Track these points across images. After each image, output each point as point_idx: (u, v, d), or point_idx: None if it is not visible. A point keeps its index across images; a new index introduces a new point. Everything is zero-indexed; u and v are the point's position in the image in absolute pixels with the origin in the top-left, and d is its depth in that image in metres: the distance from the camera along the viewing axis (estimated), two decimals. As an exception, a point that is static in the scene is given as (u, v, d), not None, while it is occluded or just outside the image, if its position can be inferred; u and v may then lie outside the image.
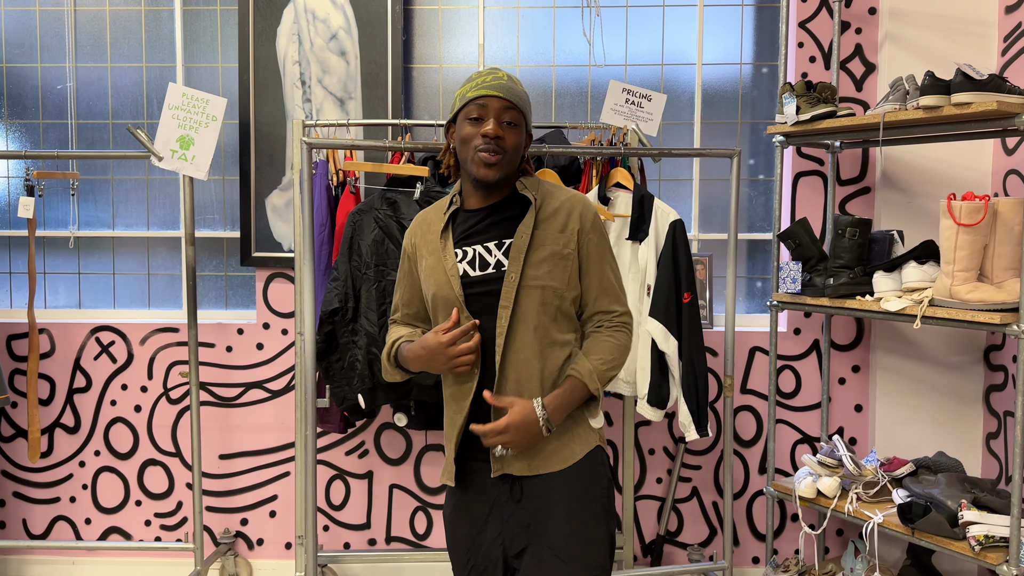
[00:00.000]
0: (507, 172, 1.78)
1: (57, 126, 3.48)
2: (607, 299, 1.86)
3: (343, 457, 3.38)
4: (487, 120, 1.75)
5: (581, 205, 1.85)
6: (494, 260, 1.79)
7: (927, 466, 2.81)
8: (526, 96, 1.83)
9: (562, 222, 1.81)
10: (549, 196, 1.85)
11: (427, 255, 1.85)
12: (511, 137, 1.76)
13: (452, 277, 1.79)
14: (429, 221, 1.90)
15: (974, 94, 2.37)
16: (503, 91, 1.76)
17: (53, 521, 3.44)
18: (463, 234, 1.83)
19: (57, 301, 3.55)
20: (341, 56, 3.26)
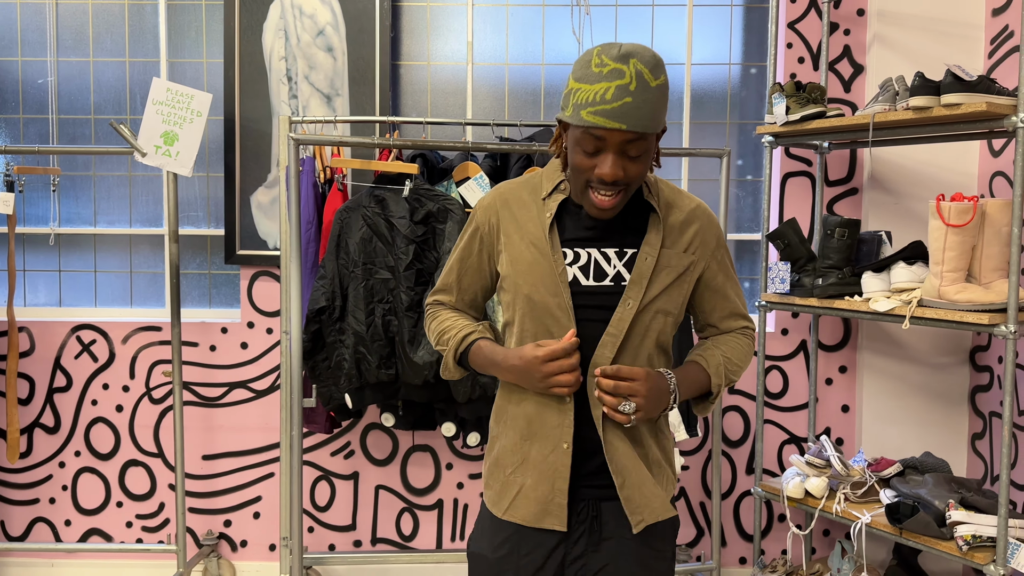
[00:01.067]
0: (628, 197, 1.50)
1: (38, 121, 3.43)
2: (734, 320, 1.68)
3: (328, 457, 3.35)
4: (605, 155, 1.43)
5: (707, 218, 1.62)
6: (613, 271, 1.54)
7: (914, 466, 2.82)
8: (663, 94, 1.43)
9: (688, 239, 1.58)
10: (673, 205, 1.59)
11: (519, 244, 1.56)
12: (635, 169, 1.45)
13: (562, 282, 1.52)
14: (521, 202, 1.60)
15: (964, 95, 2.37)
16: (626, 119, 1.38)
17: (32, 523, 3.38)
18: (573, 234, 1.55)
19: (37, 299, 3.49)
20: (328, 52, 3.23)
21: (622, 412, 1.46)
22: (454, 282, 1.70)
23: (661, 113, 1.44)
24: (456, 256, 1.69)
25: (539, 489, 1.56)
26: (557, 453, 1.55)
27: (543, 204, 1.57)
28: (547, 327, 1.54)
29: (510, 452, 1.61)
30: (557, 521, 1.55)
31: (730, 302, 1.67)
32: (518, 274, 1.56)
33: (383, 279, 2.73)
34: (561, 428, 1.54)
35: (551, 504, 1.55)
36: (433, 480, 3.35)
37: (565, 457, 1.54)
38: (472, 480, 3.36)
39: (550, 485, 1.55)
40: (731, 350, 1.65)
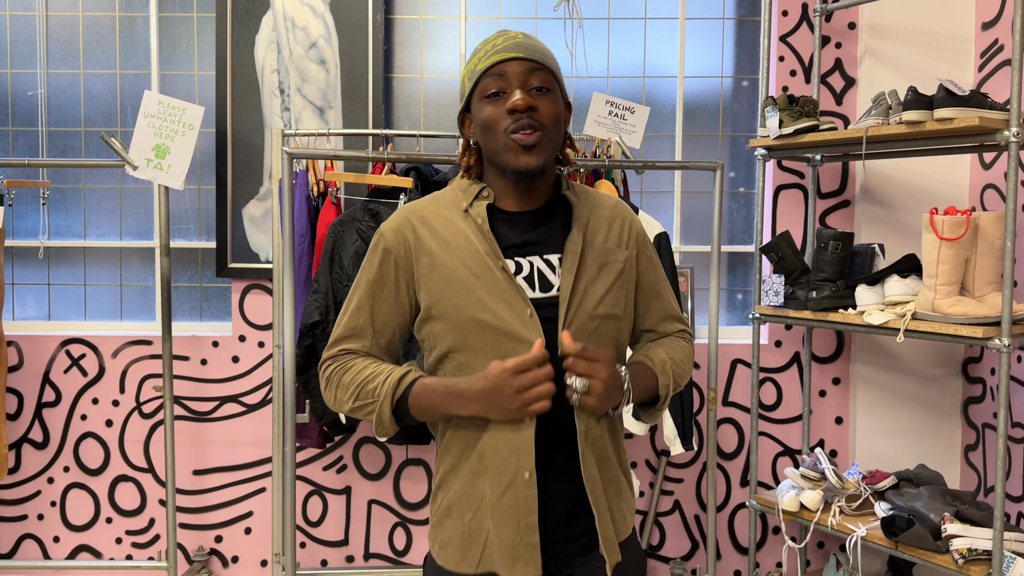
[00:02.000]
0: (551, 154, 1.37)
1: (27, 133, 3.40)
2: (671, 323, 1.56)
3: (321, 472, 3.32)
4: (511, 91, 1.34)
5: (630, 215, 1.51)
6: (559, 280, 1.39)
7: (909, 479, 2.82)
8: (553, 56, 1.40)
9: (617, 234, 1.46)
10: (595, 200, 1.48)
11: (450, 260, 1.37)
12: (546, 105, 1.34)
13: (517, 292, 1.35)
14: (440, 217, 1.42)
15: (956, 109, 2.39)
16: (523, 50, 1.35)
17: (20, 539, 3.33)
18: (511, 240, 1.40)
19: (26, 313, 3.46)
20: (321, 65, 3.22)
21: (572, 386, 1.29)
22: (366, 322, 1.43)
23: (556, 63, 1.40)
24: (364, 292, 1.43)
25: (503, 533, 1.35)
26: (517, 486, 1.34)
27: (467, 215, 1.40)
28: (501, 352, 1.33)
29: (464, 495, 1.39)
30: (531, 567, 1.34)
31: (664, 302, 1.55)
32: (456, 295, 1.35)
33: (377, 293, 2.71)
34: (518, 455, 1.34)
35: (519, 546, 1.34)
36: (426, 494, 3.33)
37: (529, 488, 1.34)
38: (466, 494, 3.34)
39: (515, 525, 1.34)
40: (673, 351, 1.51)
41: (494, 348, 1.34)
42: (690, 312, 3.33)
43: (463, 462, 1.40)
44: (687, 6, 3.39)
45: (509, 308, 1.35)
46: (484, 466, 1.36)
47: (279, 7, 3.20)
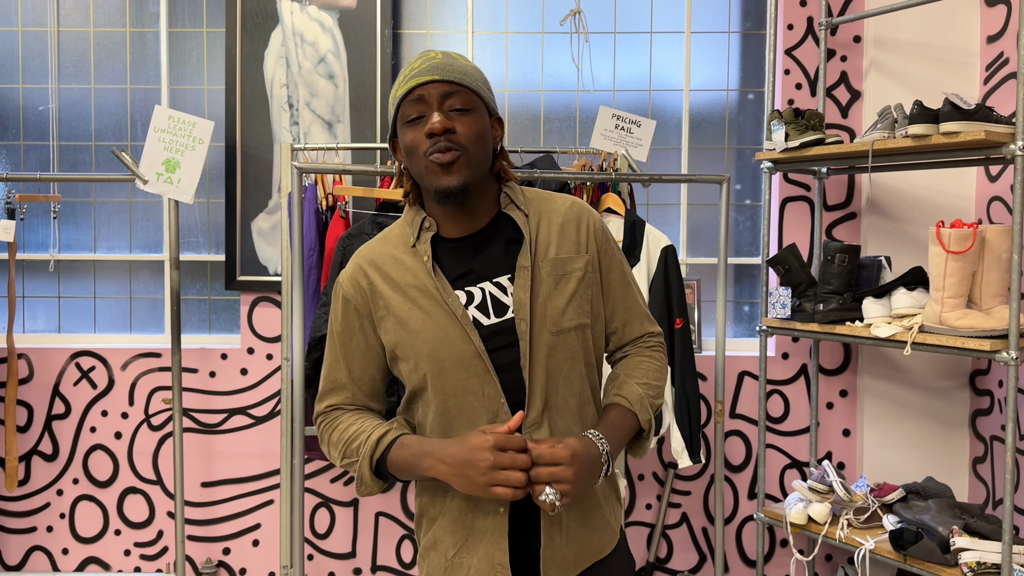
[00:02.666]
0: (474, 173, 1.36)
1: (39, 148, 3.43)
2: (639, 323, 1.52)
3: (328, 484, 3.33)
4: (429, 114, 1.34)
5: (587, 213, 1.47)
6: (512, 300, 1.39)
7: (917, 491, 2.82)
8: (477, 71, 1.39)
9: (573, 239, 1.43)
10: (545, 208, 1.45)
11: (403, 301, 1.39)
12: (465, 126, 1.34)
13: (466, 325, 1.35)
14: (388, 258, 1.42)
15: (962, 123, 2.40)
16: (439, 72, 1.34)
17: (29, 551, 3.35)
18: (457, 272, 1.40)
19: (36, 325, 3.48)
20: (329, 79, 3.25)
21: (546, 501, 1.25)
22: (344, 375, 1.46)
23: (479, 79, 1.38)
24: (336, 345, 1.46)
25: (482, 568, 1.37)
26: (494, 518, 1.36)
27: (414, 251, 1.41)
28: (464, 384, 1.35)
29: (448, 531, 1.41)
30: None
31: (631, 302, 1.50)
32: (413, 335, 1.37)
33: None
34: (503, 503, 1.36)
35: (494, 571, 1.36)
36: (434, 506, 3.33)
37: (503, 522, 1.36)
38: (473, 506, 3.34)
39: (490, 562, 1.37)
40: (645, 373, 1.48)
41: (457, 383, 1.36)
42: (697, 324, 3.34)
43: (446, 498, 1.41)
44: (693, 20, 3.41)
45: (462, 342, 1.35)
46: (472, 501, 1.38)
47: (288, 22, 3.23)
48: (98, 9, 3.40)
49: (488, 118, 1.40)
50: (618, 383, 1.47)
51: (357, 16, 3.23)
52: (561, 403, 1.39)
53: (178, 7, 3.38)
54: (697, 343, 3.34)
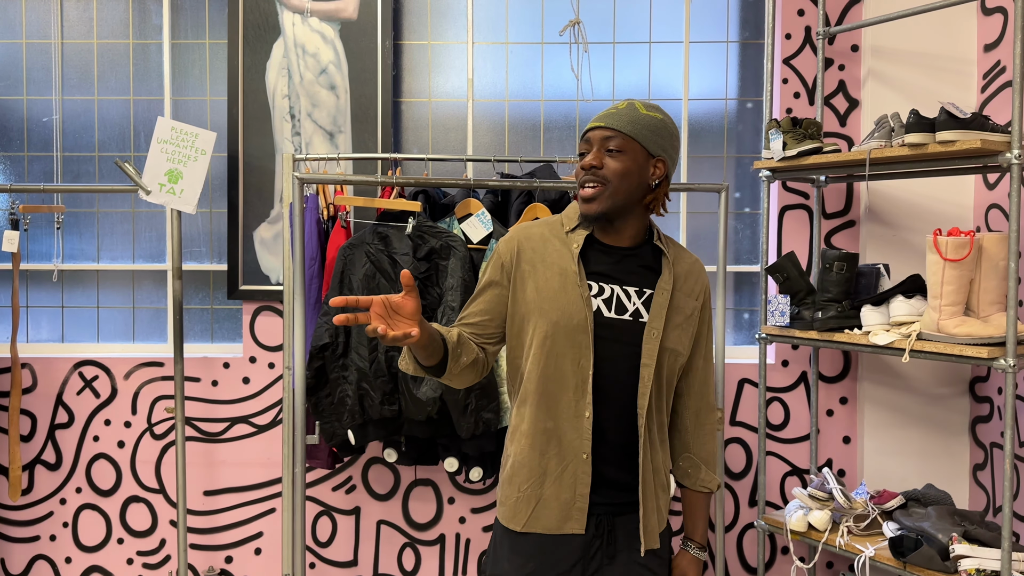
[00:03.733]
0: (613, 204, 1.68)
1: (42, 159, 3.46)
2: (709, 390, 1.87)
3: (330, 493, 3.34)
4: (589, 152, 1.70)
5: (704, 273, 1.85)
6: (632, 307, 1.71)
7: (917, 499, 2.83)
8: (651, 122, 1.69)
9: (691, 287, 1.78)
10: (679, 255, 1.81)
11: (546, 275, 1.70)
12: (614, 164, 1.66)
13: (588, 307, 1.67)
14: (543, 237, 1.76)
15: (958, 132, 2.41)
16: (607, 120, 1.69)
17: (32, 560, 3.36)
18: (597, 269, 1.72)
19: (40, 335, 3.50)
20: (331, 90, 3.27)
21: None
22: (476, 308, 1.77)
23: (649, 133, 1.68)
24: (479, 286, 1.79)
25: (561, 497, 1.68)
26: (577, 463, 1.68)
27: (567, 238, 1.73)
28: (566, 351, 1.67)
29: (526, 467, 1.71)
30: (577, 525, 1.68)
31: (708, 367, 1.85)
32: (544, 300, 1.68)
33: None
34: (580, 441, 1.68)
35: (572, 509, 1.68)
36: (435, 515, 3.35)
37: (586, 466, 1.68)
38: (475, 514, 3.35)
39: (572, 492, 1.68)
40: (712, 451, 1.88)
41: (561, 347, 1.68)
42: (697, 332, 3.34)
43: (530, 442, 1.71)
44: (691, 30, 3.43)
45: (579, 318, 1.67)
46: (550, 447, 1.69)
47: (290, 34, 3.26)
48: (101, 21, 3.43)
49: (646, 158, 1.69)
50: (699, 469, 1.86)
51: (358, 27, 3.25)
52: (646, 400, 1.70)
53: (181, 19, 3.41)
54: (697, 351, 3.34)
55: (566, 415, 1.68)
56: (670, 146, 1.73)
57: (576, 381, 1.67)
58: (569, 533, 1.69)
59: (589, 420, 1.68)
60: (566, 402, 1.68)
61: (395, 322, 1.45)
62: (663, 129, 1.70)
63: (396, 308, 1.46)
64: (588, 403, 1.67)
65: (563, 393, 1.68)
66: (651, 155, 1.70)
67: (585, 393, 1.67)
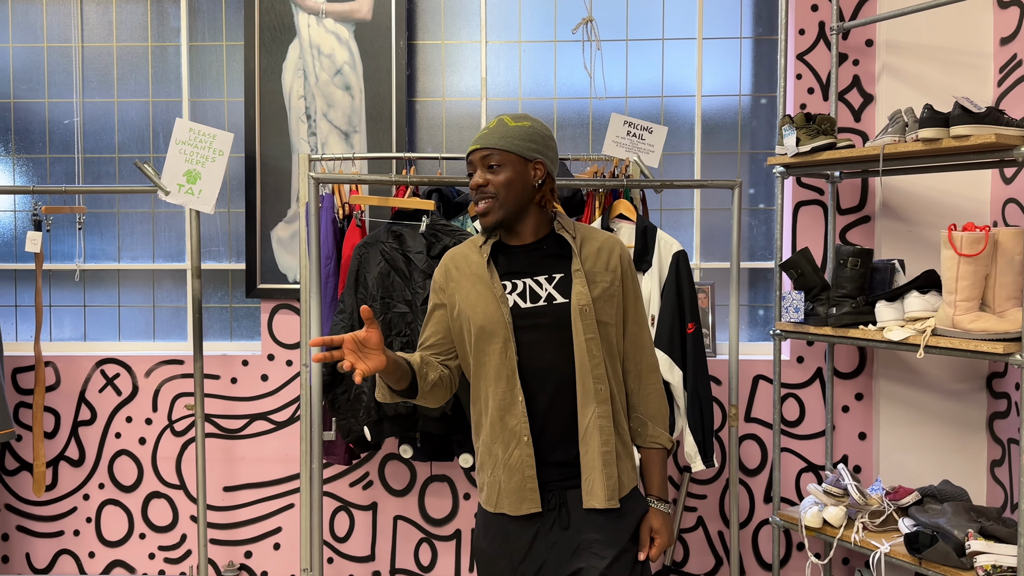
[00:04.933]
0: (506, 212, 1.86)
1: (64, 160, 3.52)
2: (645, 352, 1.96)
3: (347, 488, 3.38)
4: (474, 173, 1.88)
5: (620, 246, 1.95)
6: (545, 293, 1.87)
7: (933, 495, 2.81)
8: (520, 132, 1.88)
9: (605, 261, 1.91)
10: (588, 236, 1.94)
11: (467, 287, 1.90)
12: (497, 178, 1.84)
13: (503, 304, 1.85)
14: (464, 256, 1.96)
15: (972, 127, 2.40)
16: (481, 141, 1.86)
17: (56, 555, 3.43)
18: (508, 269, 1.91)
19: (62, 334, 3.56)
20: (346, 91, 3.30)
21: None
22: (427, 334, 1.97)
23: (520, 142, 1.85)
24: (427, 316, 1.99)
25: (512, 481, 1.84)
26: (519, 447, 1.83)
27: (480, 250, 1.93)
28: (493, 347, 1.84)
29: (487, 455, 1.89)
30: (532, 504, 1.84)
31: (641, 330, 1.96)
32: (469, 310, 1.87)
33: (401, 313, 2.78)
34: (519, 426, 1.83)
35: (524, 491, 1.84)
36: (451, 510, 3.38)
37: (528, 448, 1.83)
38: (490, 510, 3.37)
39: (520, 475, 1.84)
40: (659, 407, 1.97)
41: (485, 342, 1.85)
42: (711, 328, 3.35)
43: (484, 432, 1.89)
44: (704, 26, 3.43)
45: (496, 314, 1.84)
46: (495, 435, 1.86)
47: (305, 35, 3.29)
48: (120, 25, 3.48)
49: (524, 164, 1.86)
50: (647, 426, 1.96)
51: (373, 28, 3.28)
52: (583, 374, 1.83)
53: (198, 21, 3.45)
54: (711, 347, 3.35)
55: (505, 404, 1.84)
56: (544, 147, 1.89)
57: (507, 372, 1.83)
58: (527, 514, 1.84)
59: (523, 404, 1.83)
60: (502, 392, 1.84)
61: (365, 354, 1.67)
62: (533, 134, 1.88)
63: (363, 342, 1.66)
64: (519, 389, 1.83)
65: (498, 384, 1.84)
66: (527, 160, 1.86)
67: (515, 381, 1.83)
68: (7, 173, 3.53)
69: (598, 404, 1.84)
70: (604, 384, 1.85)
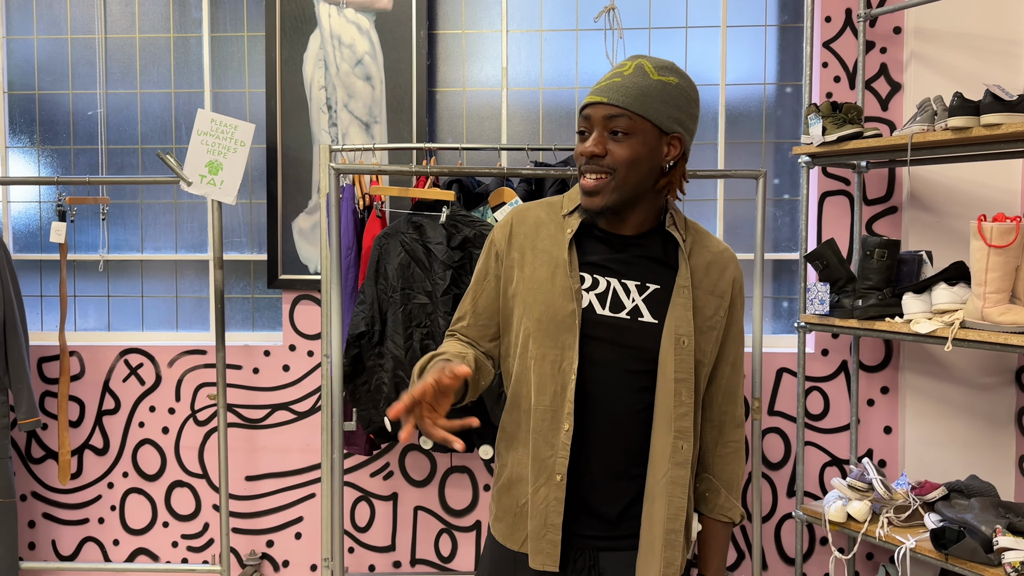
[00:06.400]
0: (621, 197, 1.41)
1: (88, 151, 3.54)
2: (736, 403, 1.57)
3: (368, 479, 3.39)
4: (590, 133, 1.41)
5: (734, 264, 1.53)
6: (631, 304, 1.44)
7: (960, 490, 2.77)
8: (664, 90, 1.39)
9: (714, 282, 1.48)
10: (700, 244, 1.51)
11: (534, 264, 1.47)
12: (620, 150, 1.38)
13: (576, 302, 1.42)
14: (538, 220, 1.51)
15: (1004, 115, 2.35)
16: (610, 93, 1.38)
17: (82, 542, 3.47)
18: (591, 258, 1.47)
19: (87, 324, 3.60)
20: (367, 81, 3.29)
21: None
22: (469, 307, 1.56)
23: (662, 106, 1.38)
24: (473, 279, 1.58)
25: (532, 523, 1.44)
26: (549, 486, 1.42)
27: (563, 221, 1.49)
28: (547, 352, 1.43)
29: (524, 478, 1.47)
30: (548, 560, 1.41)
31: (736, 375, 1.55)
32: (529, 292, 1.45)
33: (421, 304, 2.77)
34: (554, 459, 1.42)
35: (542, 541, 1.42)
36: (471, 502, 3.37)
37: (559, 491, 1.41)
38: (510, 502, 3.37)
39: (542, 520, 1.42)
40: (738, 479, 1.58)
41: (548, 345, 1.43)
42: (734, 320, 3.31)
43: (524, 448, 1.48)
44: (728, 14, 3.38)
45: (565, 313, 1.42)
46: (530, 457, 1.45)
47: (326, 25, 3.28)
48: (143, 16, 3.49)
49: (658, 137, 1.41)
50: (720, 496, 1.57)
51: (393, 18, 3.27)
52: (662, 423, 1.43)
53: (219, 12, 3.46)
54: (734, 339, 3.31)
55: (543, 427, 1.42)
56: (687, 117, 1.43)
57: (556, 387, 1.41)
58: (540, 570, 1.43)
59: (568, 435, 1.40)
60: (543, 410, 1.43)
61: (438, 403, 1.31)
62: (679, 96, 1.40)
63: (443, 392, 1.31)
64: (568, 414, 1.40)
65: (541, 399, 1.43)
66: (664, 132, 1.40)
67: (565, 402, 1.41)
68: (32, 164, 3.57)
69: (674, 467, 1.41)
70: (688, 441, 1.43)
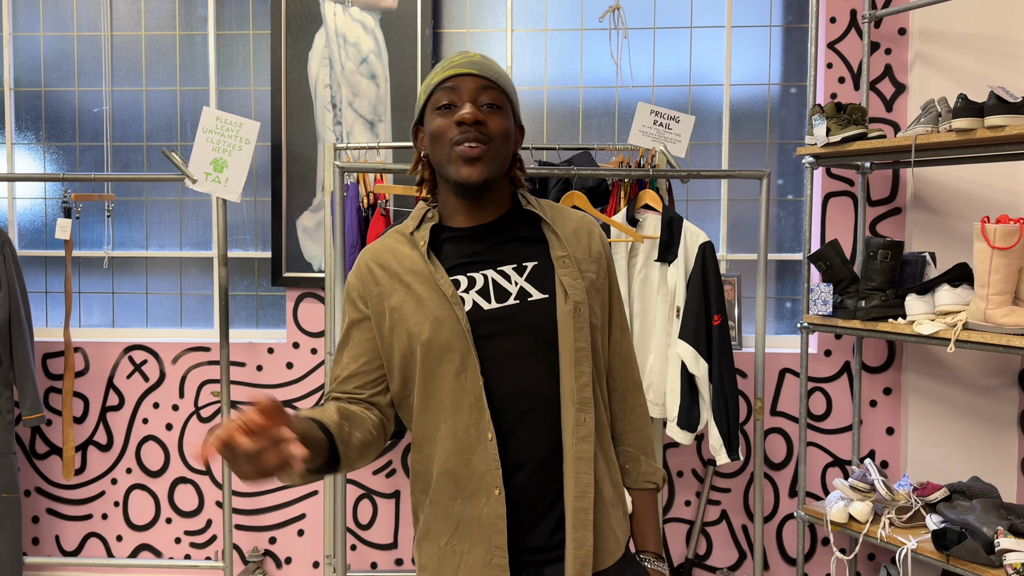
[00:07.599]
0: (497, 170, 1.36)
1: (93, 148, 3.55)
2: (632, 367, 1.52)
3: (370, 476, 3.39)
4: (461, 104, 1.35)
5: (596, 227, 1.50)
6: (516, 288, 1.37)
7: (961, 491, 2.77)
8: (509, 79, 1.42)
9: (586, 246, 1.45)
10: (559, 214, 1.48)
11: (402, 291, 1.37)
12: (495, 122, 1.35)
13: (456, 306, 1.33)
14: (389, 251, 1.42)
15: (1008, 116, 2.35)
16: (477, 68, 1.36)
17: (85, 538, 3.48)
18: (459, 259, 1.39)
19: (91, 320, 3.61)
20: (371, 79, 3.30)
21: None
22: (346, 360, 1.43)
23: (510, 86, 1.40)
24: (340, 338, 1.45)
25: (474, 554, 1.32)
26: (490, 503, 1.31)
27: (413, 239, 1.40)
28: (446, 368, 1.33)
29: (440, 519, 1.36)
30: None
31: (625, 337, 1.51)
32: (408, 316, 1.35)
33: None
34: (489, 473, 1.31)
35: (489, 568, 1.31)
36: (474, 500, 3.38)
37: (499, 506, 1.31)
38: (512, 500, 3.37)
39: (486, 546, 1.31)
40: (648, 440, 1.52)
41: (437, 365, 1.34)
42: (737, 321, 3.32)
43: (437, 484, 1.37)
44: (733, 14, 3.38)
45: (448, 321, 1.33)
46: (460, 487, 1.34)
47: (331, 24, 3.29)
48: (149, 14, 3.50)
49: (512, 122, 1.40)
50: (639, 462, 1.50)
51: (398, 16, 3.27)
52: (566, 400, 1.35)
53: (225, 10, 3.47)
54: (737, 340, 3.32)
55: (468, 444, 1.32)
56: None
57: (469, 399, 1.31)
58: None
59: (494, 444, 1.31)
60: (463, 428, 1.32)
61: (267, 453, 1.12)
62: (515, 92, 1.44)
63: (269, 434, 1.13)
64: (488, 421, 1.31)
65: (457, 418, 1.32)
66: (515, 120, 1.42)
67: (482, 410, 1.31)
68: (38, 161, 3.58)
69: (578, 441, 1.33)
70: (590, 414, 1.35)
